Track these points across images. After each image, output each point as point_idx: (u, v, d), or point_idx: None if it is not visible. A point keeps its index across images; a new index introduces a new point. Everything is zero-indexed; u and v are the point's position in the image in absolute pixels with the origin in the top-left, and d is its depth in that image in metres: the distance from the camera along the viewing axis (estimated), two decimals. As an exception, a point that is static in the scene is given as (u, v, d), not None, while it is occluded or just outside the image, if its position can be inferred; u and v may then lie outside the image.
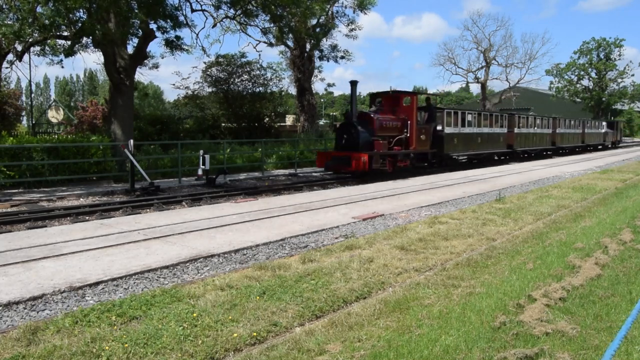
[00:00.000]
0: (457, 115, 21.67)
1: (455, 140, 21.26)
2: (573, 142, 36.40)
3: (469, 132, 22.65)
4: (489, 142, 24.64)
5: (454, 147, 21.30)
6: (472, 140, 22.83)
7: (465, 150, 22.34)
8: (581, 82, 67.66)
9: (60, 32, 17.15)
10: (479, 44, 51.84)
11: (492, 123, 25.03)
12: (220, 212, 9.31)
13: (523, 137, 27.99)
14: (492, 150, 25.27)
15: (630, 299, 4.71)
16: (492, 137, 25.00)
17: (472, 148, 22.95)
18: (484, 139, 23.98)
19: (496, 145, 25.37)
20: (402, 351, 3.61)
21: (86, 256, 6.02)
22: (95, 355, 3.54)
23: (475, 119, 23.51)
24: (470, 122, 22.91)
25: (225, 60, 27.74)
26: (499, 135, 25.65)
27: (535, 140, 29.69)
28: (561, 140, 33.78)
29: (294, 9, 19.06)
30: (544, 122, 31.48)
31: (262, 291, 4.84)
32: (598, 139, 42.00)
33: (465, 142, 22.32)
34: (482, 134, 23.96)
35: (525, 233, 7.72)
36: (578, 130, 37.50)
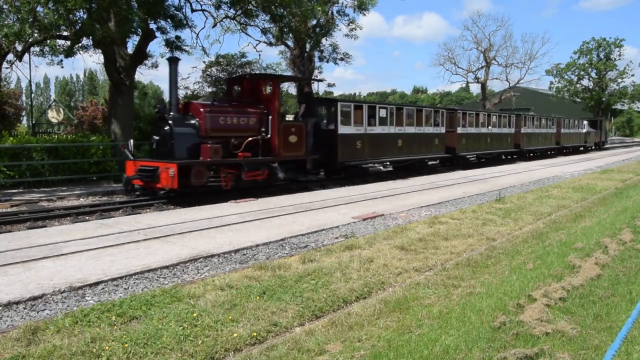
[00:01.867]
0: (361, 110, 16.61)
1: (358, 144, 16.23)
2: (543, 143, 31.81)
3: (383, 133, 17.44)
4: (418, 144, 19.29)
5: (355, 152, 16.08)
6: (387, 143, 17.59)
7: (377, 155, 17.12)
8: (581, 82, 67.68)
9: (60, 32, 17.14)
10: (479, 44, 51.81)
11: (421, 120, 19.42)
12: (220, 212, 9.31)
13: (471, 139, 23.18)
14: (423, 155, 19.86)
15: (630, 299, 4.71)
16: (423, 138, 19.57)
17: (389, 152, 17.73)
18: (409, 140, 18.71)
19: (430, 148, 19.96)
20: (402, 351, 3.61)
21: (86, 256, 6.02)
22: (95, 355, 3.53)
23: (393, 115, 18.10)
24: (385, 120, 17.59)
25: (225, 60, 27.72)
26: (433, 136, 20.26)
27: (490, 142, 25.15)
28: (528, 142, 29.56)
29: (294, 9, 19.04)
30: (502, 120, 26.82)
31: (262, 291, 4.84)
32: (577, 140, 37.64)
33: (377, 146, 17.10)
34: (406, 135, 18.56)
35: (525, 233, 7.72)
36: (550, 130, 32.86)
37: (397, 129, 18.18)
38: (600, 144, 42.54)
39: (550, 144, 32.87)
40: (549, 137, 32.46)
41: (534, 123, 30.09)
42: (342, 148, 15.60)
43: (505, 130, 26.69)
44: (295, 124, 14.14)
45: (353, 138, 16.12)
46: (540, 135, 31.11)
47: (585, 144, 38.86)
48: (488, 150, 25.08)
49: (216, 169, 11.92)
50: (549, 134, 32.50)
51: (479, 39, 51.94)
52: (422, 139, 19.59)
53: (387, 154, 17.85)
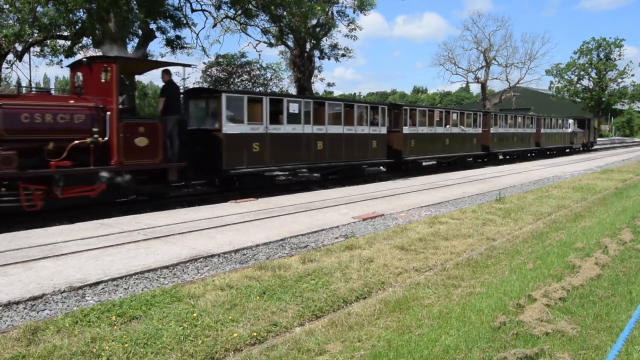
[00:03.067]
0: (260, 104, 13.19)
1: (256, 147, 12.89)
2: (519, 144, 28.17)
3: (295, 134, 13.99)
4: (348, 147, 15.92)
5: (251, 157, 12.80)
6: (300, 145, 14.22)
7: (285, 160, 13.86)
8: (581, 82, 67.82)
9: (60, 32, 17.16)
10: (479, 44, 51.91)
11: (351, 119, 16.20)
12: (220, 212, 9.31)
13: (424, 141, 19.73)
14: (357, 161, 16.46)
15: (630, 299, 4.71)
16: (355, 140, 16.16)
17: (304, 157, 14.41)
18: (333, 142, 15.28)
19: (365, 152, 16.70)
20: (402, 351, 3.61)
21: (86, 256, 6.02)
22: (95, 355, 3.54)
23: (310, 112, 14.57)
24: (298, 117, 14.12)
25: (225, 60, 27.76)
26: (369, 138, 16.79)
27: (450, 144, 21.38)
28: (500, 144, 25.77)
29: (294, 8, 19.05)
30: (466, 118, 22.87)
31: (262, 291, 4.84)
32: (561, 141, 34.14)
33: (286, 149, 13.77)
34: (330, 136, 15.18)
35: (525, 233, 7.72)
36: (528, 130, 29.13)
37: (317, 129, 14.71)
38: (588, 145, 39.02)
39: (529, 146, 29.30)
40: (526, 137, 28.88)
41: (507, 122, 26.72)
42: (229, 152, 12.24)
43: (470, 131, 22.88)
44: (145, 122, 10.53)
45: (247, 139, 12.66)
46: (515, 135, 27.55)
47: (571, 145, 35.62)
48: (447, 153, 21.28)
49: (9, 185, 8.72)
50: (527, 134, 28.92)
51: (479, 39, 52.10)
52: (352, 140, 16.04)
53: (302, 158, 14.35)
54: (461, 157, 22.54)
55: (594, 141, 40.49)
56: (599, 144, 45.10)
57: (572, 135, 35.33)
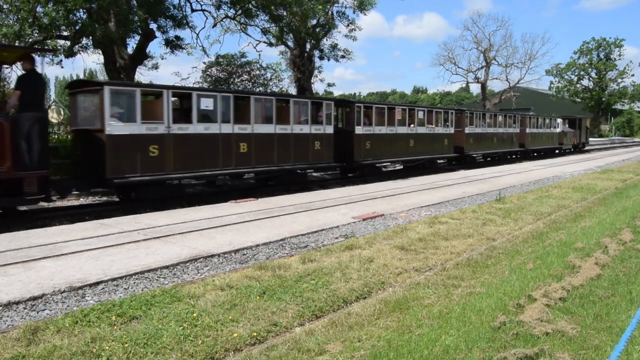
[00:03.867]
0: (160, 99, 11.21)
1: (153, 151, 10.80)
2: (500, 146, 26.04)
3: (208, 134, 11.92)
4: (282, 151, 13.72)
5: (148, 163, 10.76)
6: (215, 148, 12.02)
7: (196, 166, 11.71)
8: (581, 82, 67.84)
9: (60, 32, 17.16)
10: (479, 44, 51.94)
11: (286, 116, 13.94)
12: (220, 212, 9.31)
13: (383, 143, 17.55)
14: (293, 165, 14.20)
15: (630, 299, 4.71)
16: (289, 141, 13.95)
17: (225, 162, 12.31)
18: (263, 144, 13.18)
19: (305, 155, 14.51)
20: (402, 351, 3.61)
21: (86, 256, 6.02)
22: (95, 355, 3.54)
23: (230, 109, 12.39)
24: (212, 114, 12.04)
25: (225, 60, 27.73)
26: (312, 138, 14.60)
27: (415, 146, 19.08)
28: (476, 145, 23.46)
29: (294, 8, 19.04)
30: (436, 117, 20.55)
31: (262, 291, 4.84)
32: (549, 141, 32.13)
33: (197, 153, 11.67)
34: (258, 136, 12.97)
35: (525, 233, 7.72)
36: (510, 130, 27.21)
37: (239, 128, 12.55)
38: (579, 146, 37.03)
39: (512, 147, 27.31)
40: (508, 138, 26.84)
41: (485, 121, 24.58)
42: (115, 157, 10.26)
43: (440, 131, 20.65)
44: None
45: (141, 142, 10.60)
46: (495, 136, 25.36)
47: (560, 146, 33.67)
48: (412, 156, 19.14)
49: None
50: (509, 135, 26.89)
51: (479, 39, 52.16)
52: (287, 142, 13.86)
53: (220, 163, 12.19)
54: (430, 160, 20.49)
55: (585, 142, 38.79)
56: (593, 145, 44.23)
57: (561, 136, 33.63)
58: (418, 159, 19.71)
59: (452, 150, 21.43)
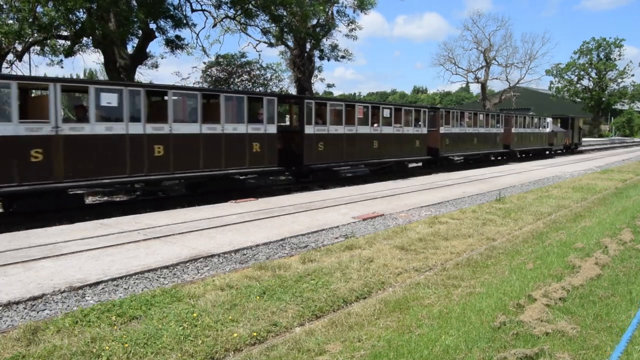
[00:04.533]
0: (42, 94, 10.26)
1: (37, 155, 9.10)
2: (481, 147, 23.81)
3: (109, 135, 10.06)
4: (211, 153, 11.87)
5: (12, 169, 8.82)
6: (106, 151, 10.04)
7: (84, 173, 9.77)
8: (581, 82, 67.90)
9: (60, 32, 17.17)
10: (479, 44, 51.95)
11: (215, 114, 12.08)
12: (220, 212, 9.31)
13: (330, 142, 15.08)
14: (207, 171, 11.82)
15: (630, 299, 4.72)
16: (215, 142, 11.93)
17: (106, 169, 10.05)
18: (182, 146, 11.27)
19: (241, 159, 12.56)
20: (402, 351, 3.61)
21: (86, 256, 6.02)
22: (95, 355, 3.54)
23: (138, 104, 10.65)
24: (117, 112, 10.27)
25: (225, 60, 27.74)
26: (248, 139, 12.62)
27: (381, 147, 17.26)
28: (454, 146, 21.49)
29: (295, 8, 19.03)
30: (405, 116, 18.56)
31: (262, 291, 4.84)
32: (538, 142, 30.03)
33: (88, 158, 9.79)
34: (176, 137, 11.11)
35: (525, 233, 7.72)
36: (493, 130, 25.05)
37: (154, 128, 10.77)
38: (572, 147, 34.98)
39: (495, 148, 25.29)
40: (491, 138, 24.73)
41: (463, 120, 22.47)
42: None
43: (411, 131, 18.73)
44: None
45: (19, 145, 8.88)
46: (476, 136, 23.21)
47: (550, 147, 31.64)
48: (376, 159, 17.27)
49: None
50: (492, 135, 24.74)
51: (479, 39, 52.17)
52: (217, 143, 11.96)
53: (128, 170, 10.38)
54: (398, 163, 18.55)
55: (578, 142, 36.85)
56: (591, 145, 43.41)
57: (551, 136, 31.51)
58: (384, 162, 17.84)
59: (424, 152, 19.61)
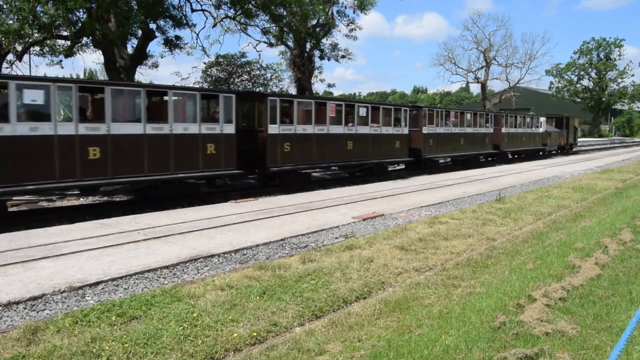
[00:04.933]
0: None
1: None
2: (468, 147, 22.55)
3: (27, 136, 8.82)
4: (155, 155, 10.69)
5: None
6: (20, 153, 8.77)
7: None
8: (581, 82, 67.91)
9: (60, 32, 17.17)
10: (479, 44, 51.93)
11: (163, 112, 11.17)
12: (220, 212, 9.31)
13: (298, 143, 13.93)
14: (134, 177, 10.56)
15: (630, 299, 4.71)
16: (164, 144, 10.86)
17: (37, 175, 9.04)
18: (112, 149, 9.99)
19: (193, 162, 11.47)
20: (402, 351, 3.61)
21: (86, 256, 6.02)
22: (95, 355, 3.54)
23: (51, 102, 9.15)
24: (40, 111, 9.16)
25: (225, 60, 27.73)
26: (204, 139, 11.52)
27: (354, 148, 15.91)
28: (437, 147, 20.13)
29: (294, 8, 19.03)
30: (382, 115, 17.16)
31: (262, 291, 4.84)
32: (531, 142, 28.90)
33: None
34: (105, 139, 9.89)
35: (525, 233, 7.72)
36: (482, 130, 23.76)
37: (87, 128, 9.67)
38: (567, 147, 33.69)
39: (483, 149, 24.03)
40: (479, 139, 23.44)
41: (449, 120, 21.10)
42: None
43: (389, 131, 17.40)
44: None
45: None
46: (463, 136, 21.97)
47: (544, 148, 30.42)
48: (351, 160, 16.02)
49: None
50: (480, 135, 23.48)
51: (479, 39, 52.13)
52: (163, 145, 10.83)
53: (61, 174, 9.33)
54: (377, 165, 17.33)
55: (573, 142, 35.49)
56: (589, 145, 42.77)
57: (544, 136, 30.34)
58: (360, 164, 16.71)
59: (406, 153, 18.46)
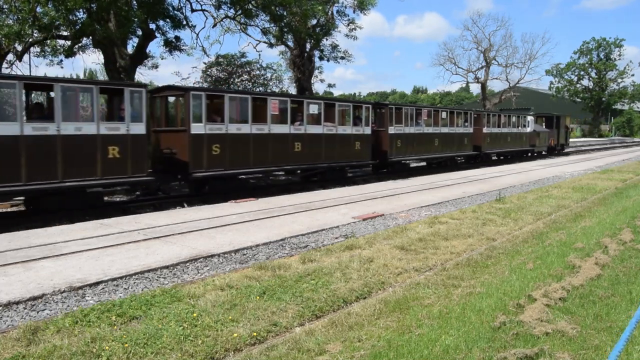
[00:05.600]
0: None
1: None
2: (445, 149, 20.66)
3: None
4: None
5: None
6: None
7: None
8: (581, 82, 67.89)
9: (60, 32, 17.16)
10: (479, 43, 51.86)
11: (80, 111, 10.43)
12: (220, 212, 9.31)
13: (227, 145, 12.13)
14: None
15: (630, 299, 4.71)
16: None
17: None
18: None
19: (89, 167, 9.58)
20: (402, 351, 3.61)
21: (86, 256, 6.02)
22: (95, 355, 3.54)
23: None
24: None
25: (225, 60, 27.73)
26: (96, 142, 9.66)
27: (303, 151, 14.18)
28: (407, 148, 18.29)
29: (294, 8, 19.01)
30: (338, 115, 15.61)
31: (262, 291, 4.84)
32: (517, 143, 26.96)
33: None
34: None
35: (525, 233, 7.72)
36: (461, 130, 21.91)
37: None
38: (557, 148, 31.54)
39: (461, 150, 22.02)
40: (457, 139, 21.46)
41: (420, 118, 19.25)
42: None
43: (347, 131, 15.65)
44: None
45: None
46: (437, 136, 20.06)
47: (532, 148, 28.56)
48: (298, 164, 14.25)
49: None
50: (458, 135, 21.52)
51: (479, 39, 52.02)
52: (46, 148, 9.00)
53: None
54: (337, 168, 15.82)
55: (565, 143, 33.25)
56: (585, 146, 41.44)
57: (532, 136, 28.30)
58: (309, 168, 14.98)
59: (368, 156, 16.87)
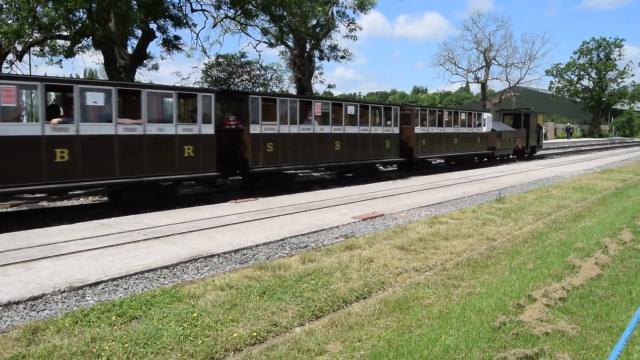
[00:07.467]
0: None
1: None
2: (360, 155, 15.93)
3: None
4: None
5: None
6: None
7: None
8: (581, 82, 67.86)
9: (60, 32, 17.17)
10: (479, 43, 51.87)
11: None
12: (220, 212, 9.31)
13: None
14: None
15: (630, 299, 4.71)
16: None
17: None
18: None
19: None
20: (402, 351, 3.61)
21: (86, 256, 6.02)
22: (95, 355, 3.54)
23: None
24: None
25: (225, 61, 27.72)
26: None
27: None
28: (287, 156, 13.34)
29: (294, 9, 19.02)
30: (176, 111, 10.64)
31: (262, 291, 4.84)
32: (468, 146, 21.89)
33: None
34: None
35: (525, 233, 7.72)
36: (381, 130, 16.67)
37: None
38: (527, 151, 26.83)
39: (384, 156, 17.03)
40: (377, 142, 16.58)
41: (312, 115, 14.22)
42: None
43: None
44: None
45: None
46: (340, 139, 15.06)
47: (491, 152, 23.62)
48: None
49: None
50: (378, 137, 16.61)
51: (479, 39, 52.01)
52: None
53: None
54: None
55: (537, 145, 28.08)
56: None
57: (491, 137, 23.37)
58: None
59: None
